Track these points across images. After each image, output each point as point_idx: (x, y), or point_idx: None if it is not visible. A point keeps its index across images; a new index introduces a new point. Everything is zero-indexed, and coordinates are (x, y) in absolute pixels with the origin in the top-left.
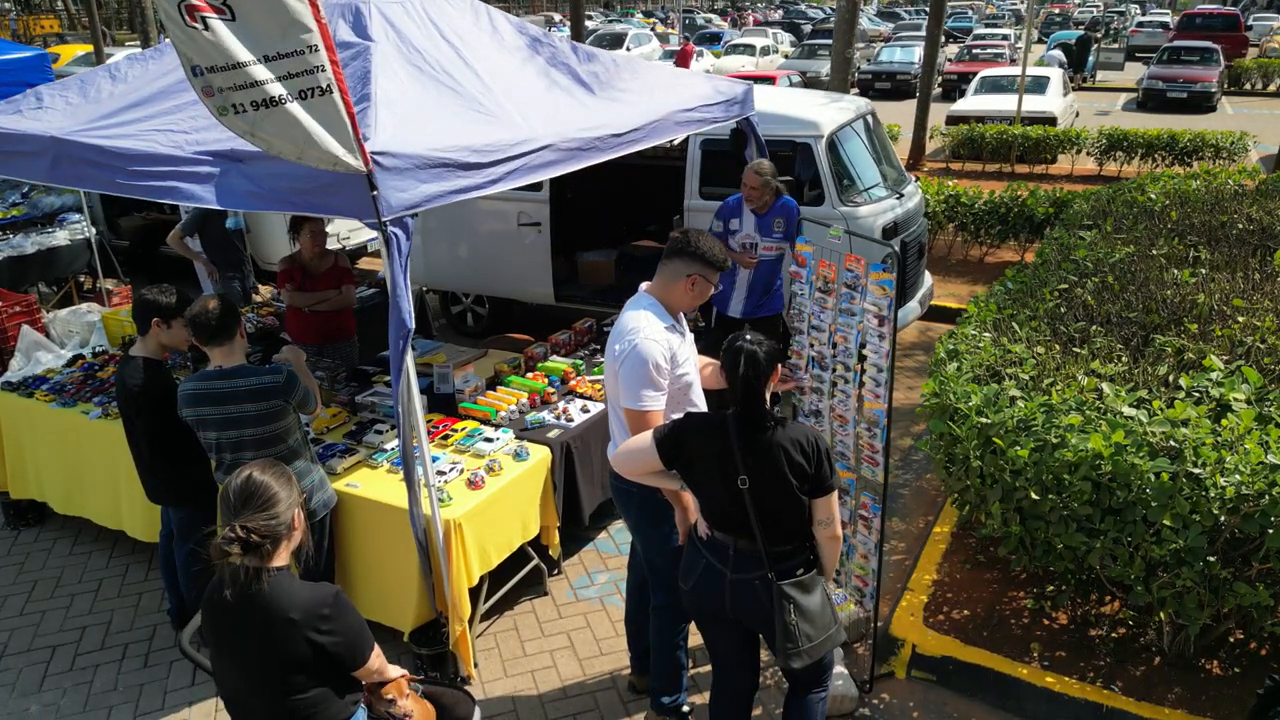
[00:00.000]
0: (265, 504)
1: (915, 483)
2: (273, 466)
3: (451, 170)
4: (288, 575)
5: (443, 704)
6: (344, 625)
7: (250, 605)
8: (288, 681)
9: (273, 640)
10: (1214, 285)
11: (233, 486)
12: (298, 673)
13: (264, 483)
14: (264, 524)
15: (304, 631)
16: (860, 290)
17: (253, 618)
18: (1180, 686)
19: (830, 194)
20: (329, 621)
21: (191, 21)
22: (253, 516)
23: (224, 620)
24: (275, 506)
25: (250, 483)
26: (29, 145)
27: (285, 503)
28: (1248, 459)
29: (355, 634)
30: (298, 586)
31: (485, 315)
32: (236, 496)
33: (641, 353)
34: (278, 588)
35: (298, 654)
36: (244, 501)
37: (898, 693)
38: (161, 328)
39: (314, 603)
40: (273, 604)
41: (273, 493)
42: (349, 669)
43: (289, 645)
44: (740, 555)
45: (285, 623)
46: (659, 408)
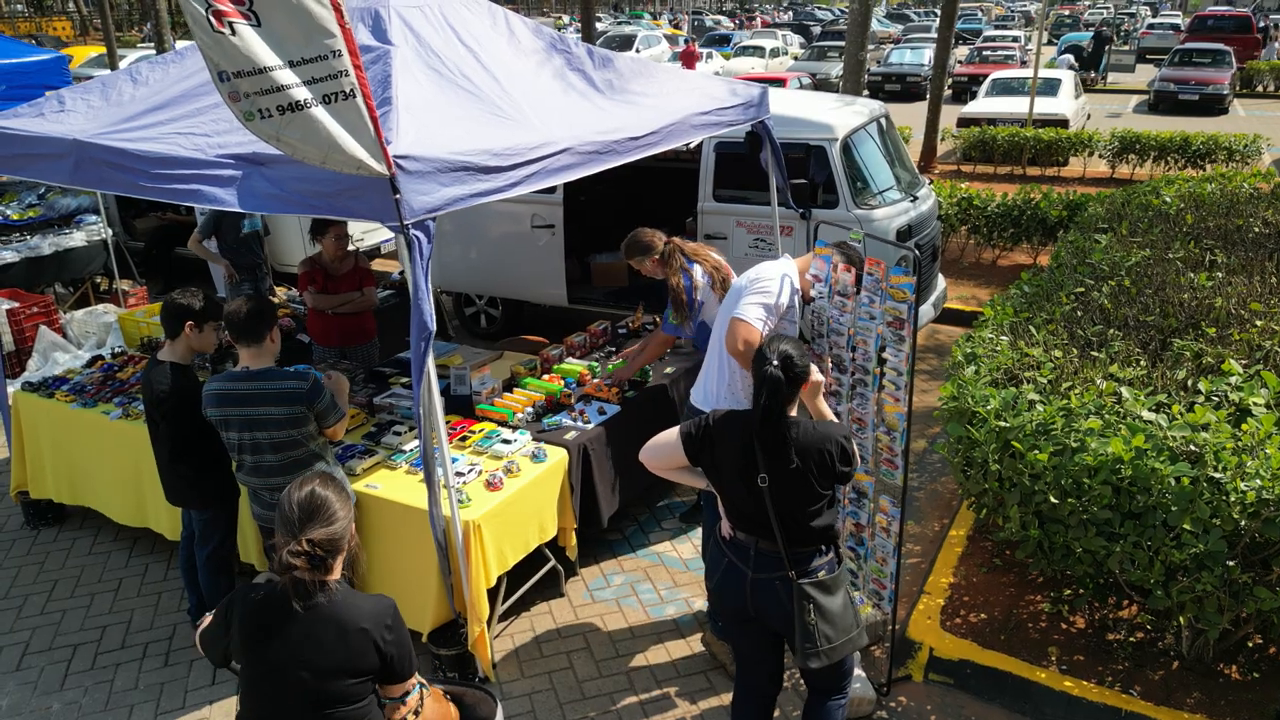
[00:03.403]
0: (329, 519)
1: (930, 485)
2: (331, 481)
3: (472, 173)
4: (348, 586)
5: (465, 704)
6: (402, 635)
7: (319, 617)
8: (352, 691)
9: (347, 650)
10: (1231, 289)
11: (295, 501)
12: (363, 681)
13: (326, 497)
14: (326, 538)
15: (374, 640)
16: (880, 293)
17: (323, 629)
18: (1199, 691)
19: (845, 197)
20: (392, 631)
21: (219, 27)
22: (318, 530)
23: (284, 633)
24: (336, 522)
25: (314, 497)
26: (52, 148)
27: (344, 519)
28: (1268, 463)
29: (409, 646)
30: (361, 598)
31: (498, 317)
32: (301, 510)
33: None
34: (346, 598)
35: (368, 663)
36: (309, 516)
37: (915, 695)
38: (194, 331)
39: (379, 613)
40: (344, 614)
41: (334, 508)
42: (400, 678)
43: (363, 654)
44: (761, 555)
45: (359, 632)
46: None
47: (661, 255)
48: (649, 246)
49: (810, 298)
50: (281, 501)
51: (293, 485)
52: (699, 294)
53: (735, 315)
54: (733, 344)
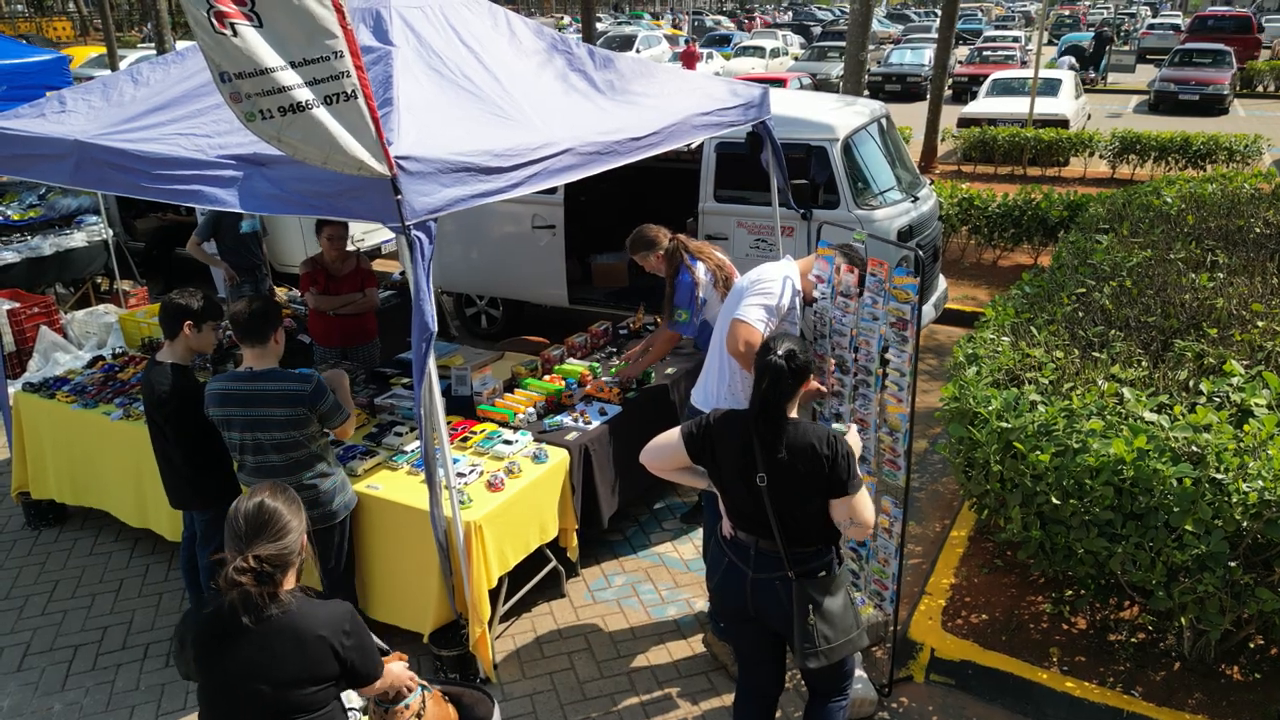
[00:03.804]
0: (278, 534)
1: (931, 486)
2: (283, 492)
3: (473, 174)
4: (304, 595)
5: (463, 704)
6: (362, 640)
7: (274, 628)
8: (313, 699)
9: (305, 659)
10: (1232, 290)
11: (244, 513)
12: (323, 688)
13: (276, 510)
14: (275, 554)
15: (332, 646)
16: (883, 294)
17: (279, 640)
18: (1200, 692)
19: (845, 197)
20: (351, 636)
21: (220, 28)
22: (265, 546)
23: (237, 648)
24: (287, 536)
25: (263, 510)
26: (53, 148)
27: (296, 531)
28: (1270, 464)
29: (371, 649)
30: (318, 605)
31: (499, 317)
32: (249, 525)
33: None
34: (302, 607)
35: (328, 670)
36: (257, 530)
37: (917, 696)
38: (193, 331)
39: (337, 619)
40: (300, 623)
41: (285, 521)
42: (362, 683)
43: (322, 661)
44: (761, 555)
45: (317, 640)
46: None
47: (666, 252)
48: (653, 242)
49: (813, 299)
50: (230, 513)
51: (242, 496)
52: (701, 291)
53: (736, 316)
54: (734, 345)
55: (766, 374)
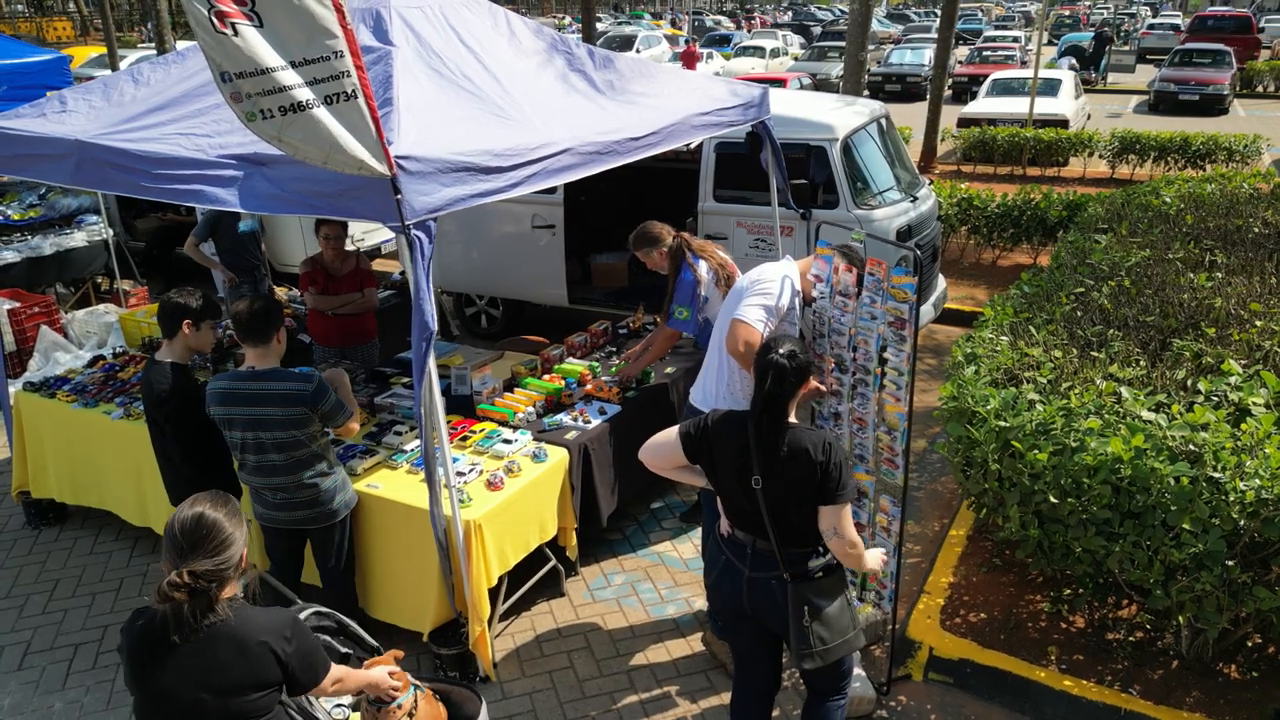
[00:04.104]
0: (217, 548)
1: (930, 485)
2: (223, 502)
3: (473, 174)
4: (244, 603)
5: (451, 701)
6: (305, 645)
7: (213, 636)
8: (257, 705)
9: (248, 664)
10: (1230, 289)
11: (182, 524)
12: (268, 694)
13: (216, 522)
14: (212, 569)
15: (274, 651)
16: (881, 294)
17: (220, 648)
18: (1198, 690)
19: (845, 197)
20: (292, 642)
21: (221, 28)
22: (203, 561)
23: (175, 659)
24: (227, 550)
25: (202, 524)
26: (53, 148)
27: (237, 544)
28: (1268, 463)
29: (314, 652)
30: (258, 612)
31: (499, 317)
32: (186, 538)
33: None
34: (241, 615)
35: (271, 675)
36: (195, 544)
37: (915, 695)
38: (191, 330)
39: (278, 625)
40: (240, 630)
41: (225, 535)
42: (306, 686)
43: (265, 666)
44: (758, 554)
45: (258, 645)
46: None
47: (669, 249)
48: (657, 239)
49: (812, 298)
50: (169, 523)
51: (183, 504)
52: (703, 289)
53: (736, 316)
54: (733, 345)
55: (769, 373)
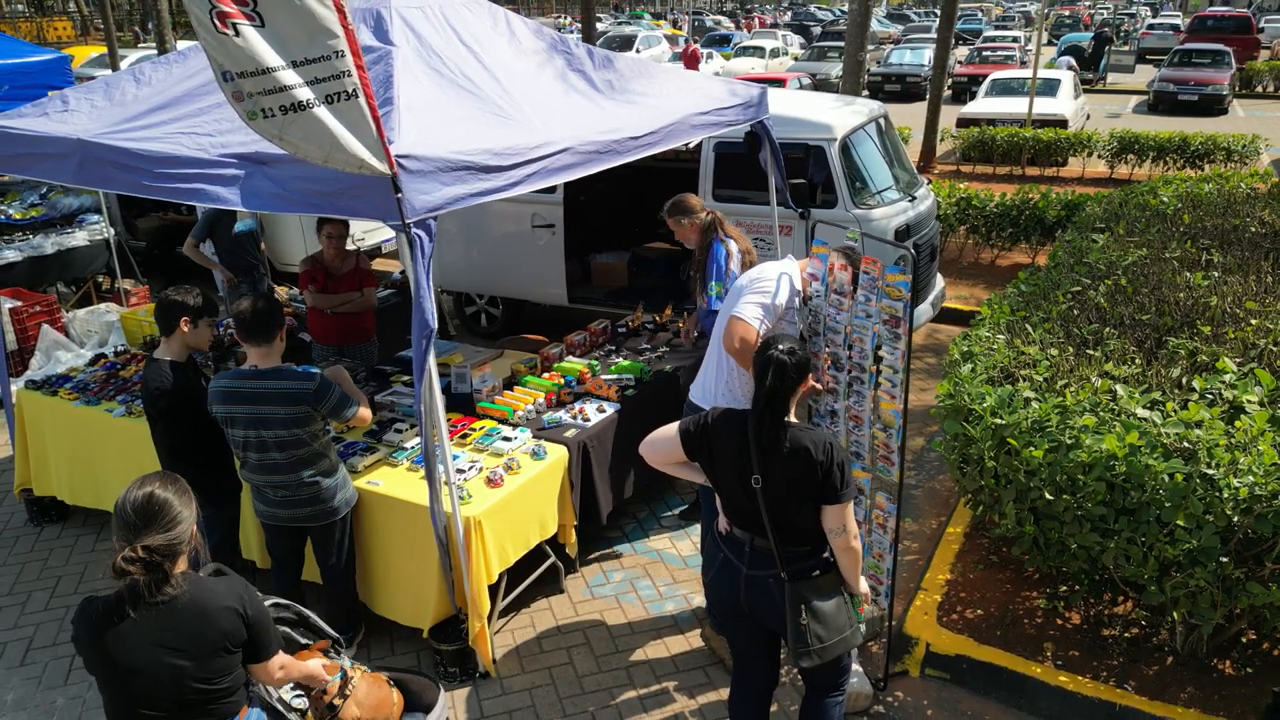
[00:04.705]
0: (167, 524)
1: (928, 483)
2: (174, 482)
3: (473, 173)
4: (197, 575)
5: (409, 689)
6: (262, 610)
7: (175, 609)
8: (222, 665)
9: (219, 627)
10: (1226, 288)
11: (133, 503)
12: (231, 654)
13: (166, 501)
14: (164, 544)
15: (239, 612)
16: (876, 292)
17: (185, 618)
18: (1193, 686)
19: (843, 197)
20: (252, 606)
21: (223, 28)
22: (155, 536)
23: (139, 634)
24: (176, 526)
25: (153, 502)
26: (56, 147)
27: (186, 521)
28: (1261, 460)
29: (270, 620)
30: (213, 581)
31: (499, 316)
32: (138, 515)
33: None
34: (199, 586)
35: (239, 634)
36: (146, 521)
37: (912, 690)
38: (189, 328)
39: (234, 590)
40: (203, 597)
41: (175, 512)
42: (265, 654)
43: (234, 627)
44: (756, 552)
45: (223, 609)
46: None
47: (702, 222)
48: (692, 210)
49: (808, 296)
50: (119, 503)
51: (132, 485)
52: (733, 263)
53: (733, 314)
54: (729, 342)
55: (770, 368)
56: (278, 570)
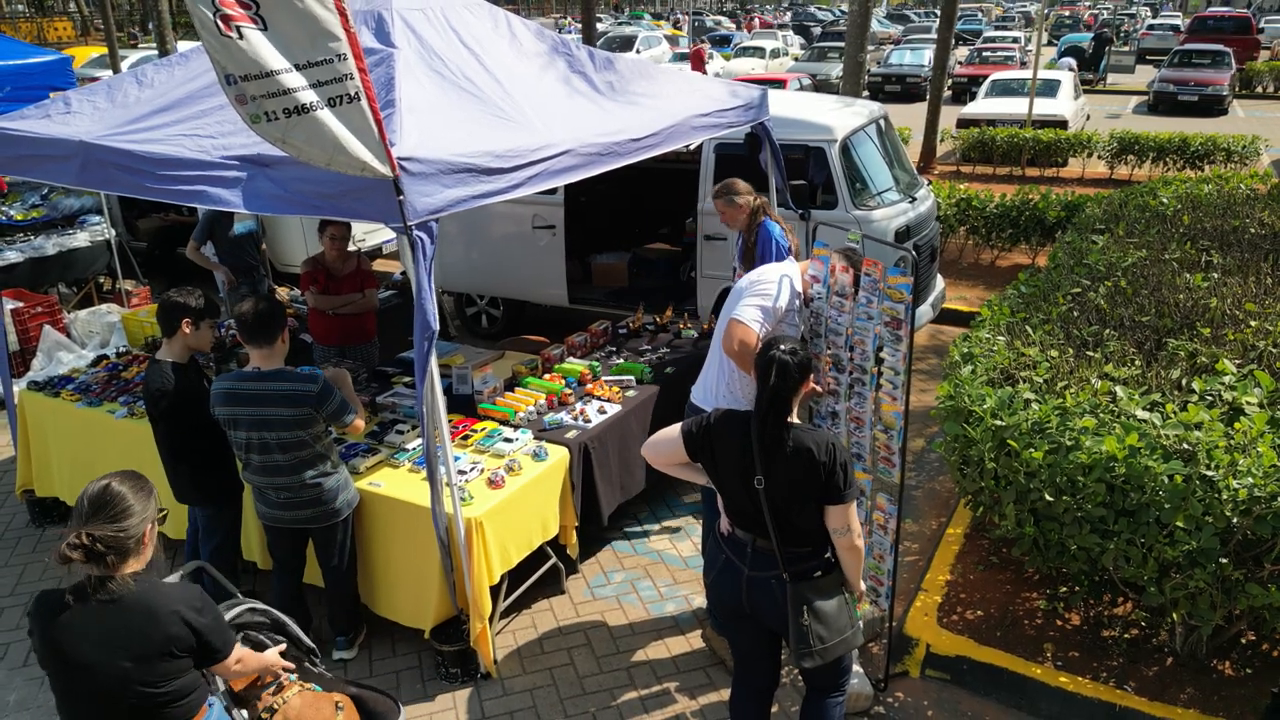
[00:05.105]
0: (116, 515)
1: (928, 484)
2: (134, 479)
3: (475, 175)
4: (153, 579)
5: (367, 708)
6: (215, 615)
7: (125, 607)
8: (167, 669)
9: (164, 630)
10: (1226, 289)
11: (90, 493)
12: (177, 659)
13: (120, 494)
14: (111, 535)
15: (185, 619)
16: (878, 294)
17: (133, 617)
18: (1193, 687)
19: (843, 198)
20: (203, 613)
21: (227, 31)
22: (101, 526)
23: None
24: (126, 519)
25: (107, 493)
26: (58, 149)
27: (138, 517)
28: (1260, 462)
29: (223, 623)
30: (167, 585)
31: (499, 317)
32: (90, 504)
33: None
34: (149, 587)
35: (184, 641)
36: (95, 510)
37: (912, 691)
38: (190, 329)
39: (187, 595)
40: (152, 599)
41: (126, 505)
42: (219, 656)
43: (179, 632)
44: (758, 553)
45: (170, 613)
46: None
47: (752, 205)
48: (742, 192)
49: (809, 298)
50: (80, 494)
51: (94, 479)
52: (789, 239)
53: (733, 317)
54: (729, 345)
55: (773, 368)
56: (279, 572)
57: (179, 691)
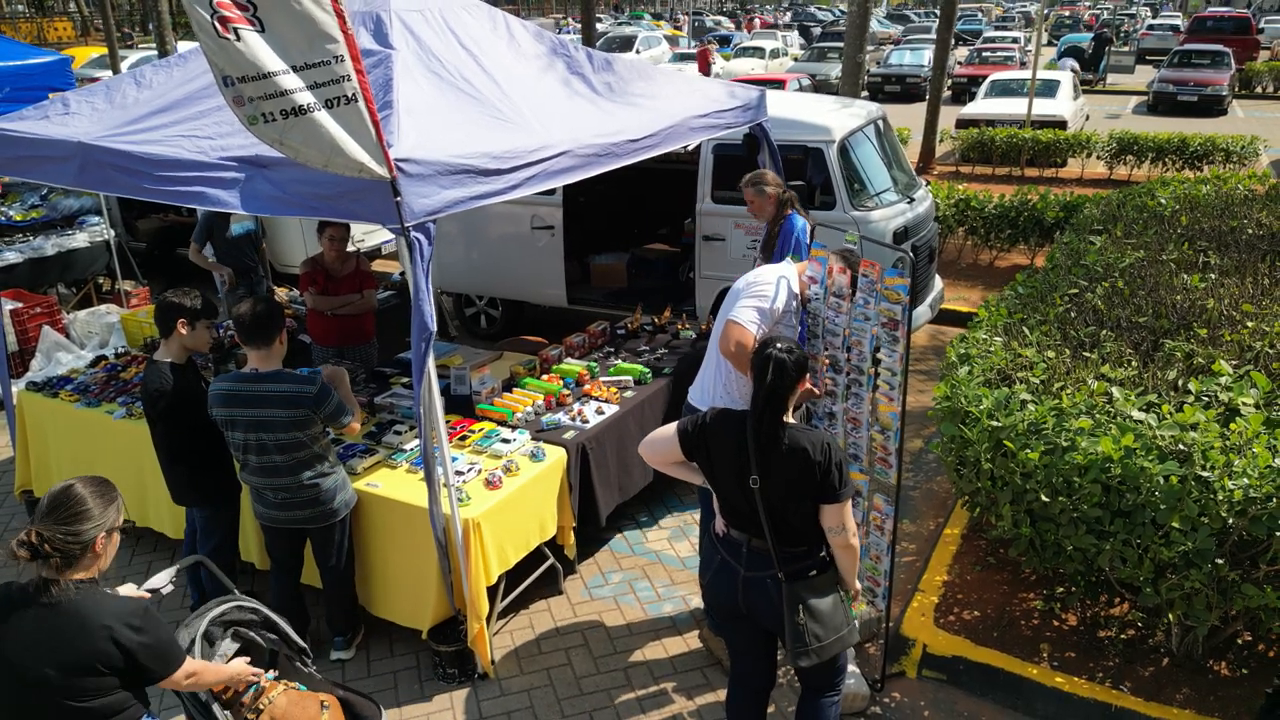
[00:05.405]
0: (70, 518)
1: (926, 485)
2: (100, 485)
3: (472, 176)
4: (98, 587)
5: (354, 711)
6: (154, 635)
7: (60, 612)
8: (89, 685)
9: (91, 645)
10: (1223, 290)
11: (51, 492)
12: (102, 676)
13: (80, 498)
14: (60, 537)
15: (117, 636)
16: (875, 295)
17: (65, 624)
18: (1189, 687)
19: (842, 199)
20: (140, 632)
21: (224, 33)
22: (52, 526)
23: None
24: (79, 524)
25: (67, 494)
26: (57, 150)
27: (93, 523)
28: (1256, 462)
29: (166, 644)
30: (109, 597)
31: (499, 317)
32: (49, 503)
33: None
34: (90, 596)
35: (111, 659)
36: (50, 509)
37: (909, 691)
38: (187, 329)
39: (125, 612)
40: (85, 609)
41: (83, 509)
42: (154, 676)
43: (103, 649)
44: (753, 553)
45: (101, 628)
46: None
47: (780, 197)
48: (771, 183)
49: (807, 299)
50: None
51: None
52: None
53: (730, 318)
54: (725, 346)
55: (769, 366)
56: (277, 572)
57: (104, 709)
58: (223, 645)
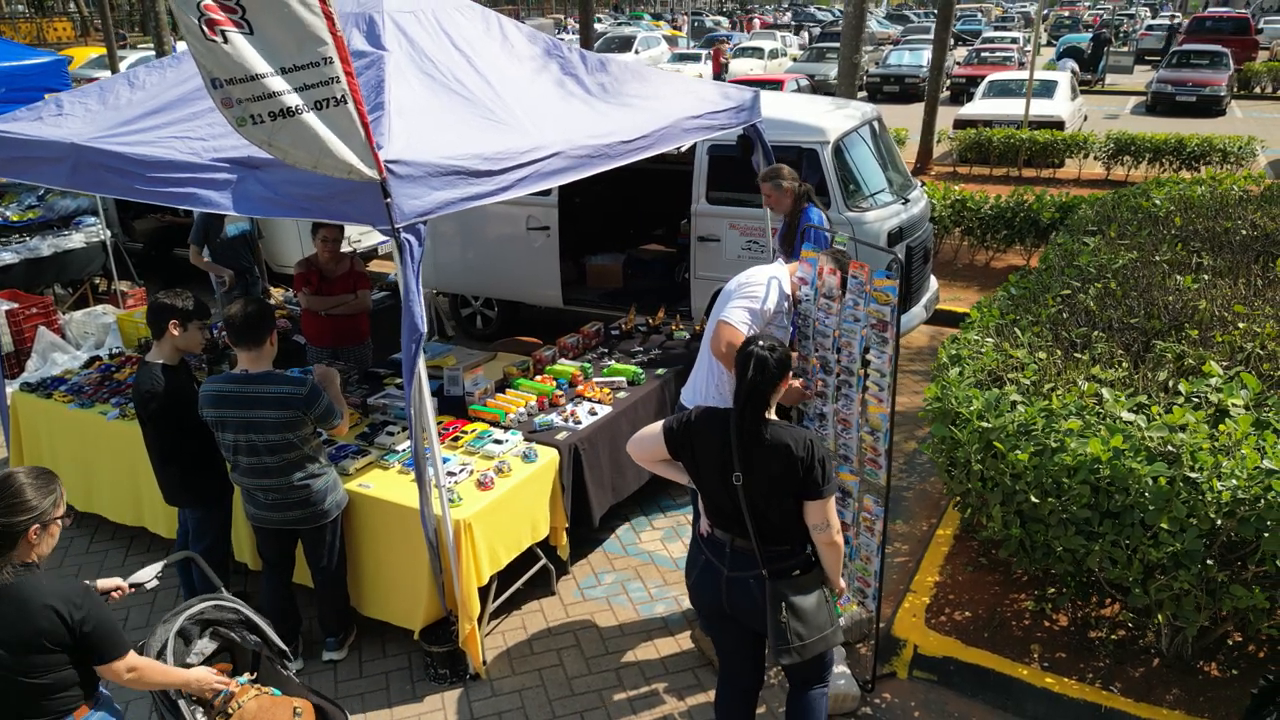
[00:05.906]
0: (6, 509)
1: (919, 486)
2: (41, 476)
3: (463, 177)
4: (36, 571)
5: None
6: (97, 613)
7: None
8: (39, 662)
9: (34, 624)
10: (1215, 291)
11: None
12: (51, 653)
13: (20, 487)
14: None
15: (59, 614)
16: (864, 296)
17: (6, 606)
18: (1178, 688)
19: (836, 200)
20: (82, 609)
21: (211, 35)
22: None
23: None
24: (15, 515)
25: (7, 482)
26: (50, 151)
27: (28, 514)
28: (1244, 464)
29: (110, 625)
30: (52, 579)
31: (494, 318)
32: None
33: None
34: (33, 580)
35: (57, 636)
36: None
37: (899, 692)
38: (179, 330)
39: (66, 592)
40: (27, 591)
41: (21, 500)
42: (103, 657)
43: (51, 628)
44: (736, 553)
45: (44, 608)
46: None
47: (796, 191)
48: (788, 177)
49: (798, 300)
50: None
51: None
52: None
53: (721, 318)
54: (716, 346)
55: (750, 362)
56: (269, 573)
57: (55, 685)
58: (199, 644)
